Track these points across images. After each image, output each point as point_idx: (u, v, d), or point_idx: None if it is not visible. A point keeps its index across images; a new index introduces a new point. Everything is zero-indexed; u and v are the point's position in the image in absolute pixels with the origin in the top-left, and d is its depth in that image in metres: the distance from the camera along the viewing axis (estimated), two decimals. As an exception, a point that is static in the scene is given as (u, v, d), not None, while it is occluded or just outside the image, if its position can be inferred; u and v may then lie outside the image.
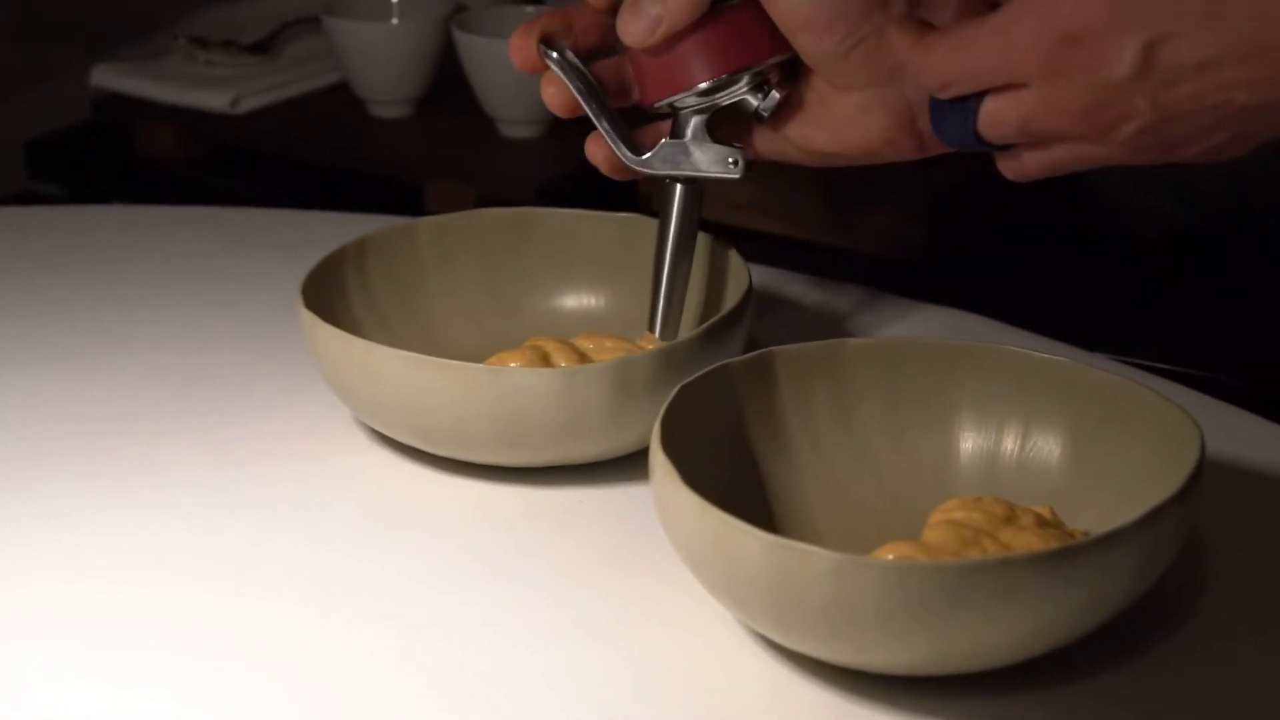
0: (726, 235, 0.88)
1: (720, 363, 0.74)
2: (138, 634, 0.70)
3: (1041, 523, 0.68)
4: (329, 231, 0.94)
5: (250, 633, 0.70)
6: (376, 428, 0.82)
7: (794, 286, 0.99)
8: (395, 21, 1.38)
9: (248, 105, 1.39)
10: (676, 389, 0.72)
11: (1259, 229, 1.15)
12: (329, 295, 0.85)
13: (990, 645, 0.62)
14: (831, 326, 0.94)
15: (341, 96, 1.41)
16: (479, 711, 0.65)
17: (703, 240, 0.89)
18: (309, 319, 0.81)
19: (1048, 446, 0.73)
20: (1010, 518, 0.68)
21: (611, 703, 0.65)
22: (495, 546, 0.75)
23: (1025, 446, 0.74)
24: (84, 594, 0.72)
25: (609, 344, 0.84)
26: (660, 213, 0.82)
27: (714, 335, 0.79)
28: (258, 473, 0.81)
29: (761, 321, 0.91)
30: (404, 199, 1.30)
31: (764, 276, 0.97)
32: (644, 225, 0.91)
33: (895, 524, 0.72)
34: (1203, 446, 0.66)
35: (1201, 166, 1.12)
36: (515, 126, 1.35)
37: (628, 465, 0.79)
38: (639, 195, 1.27)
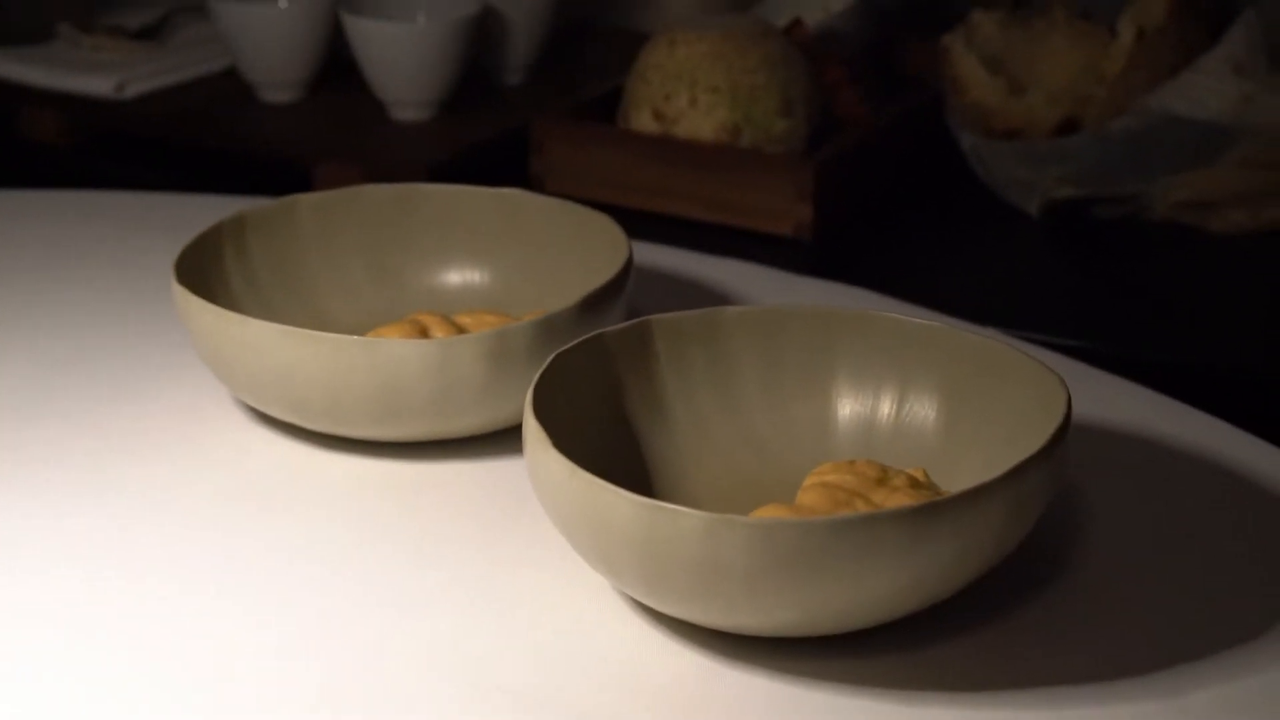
0: (612, 214, 0.88)
1: (596, 331, 0.74)
2: (2, 613, 0.68)
3: (914, 484, 0.69)
4: (211, 214, 0.93)
5: (119, 610, 0.69)
6: (252, 404, 0.81)
7: (678, 262, 0.99)
8: (283, 4, 1.37)
9: (134, 90, 1.37)
10: (551, 356, 0.72)
11: (1130, 200, 1.17)
12: (205, 273, 0.84)
13: (860, 603, 0.62)
14: (714, 300, 0.94)
15: (230, 81, 1.39)
16: (353, 678, 0.65)
17: (581, 213, 0.89)
18: (181, 294, 0.80)
19: (922, 410, 0.74)
20: (883, 479, 0.68)
21: (482, 668, 0.65)
22: (369, 520, 0.75)
23: (901, 411, 0.74)
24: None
25: (490, 319, 0.83)
26: None
27: (592, 306, 0.79)
28: (131, 451, 0.79)
29: (643, 297, 0.91)
30: (292, 182, 1.28)
31: (648, 253, 0.97)
32: (526, 201, 0.91)
33: (773, 489, 0.72)
34: (1069, 404, 0.67)
35: (1075, 141, 1.13)
36: (405, 109, 1.34)
37: (506, 439, 0.79)
38: (530, 177, 1.27)
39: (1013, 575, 0.69)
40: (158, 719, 0.63)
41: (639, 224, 0.92)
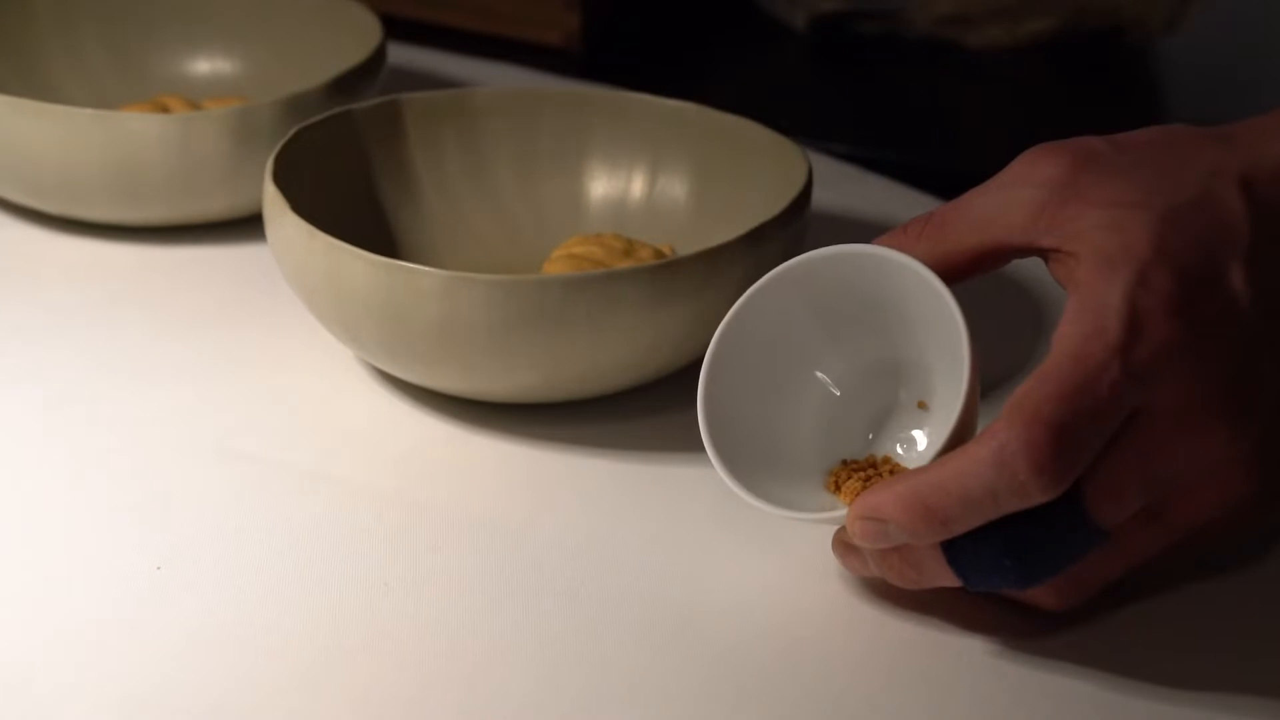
0: (383, 20, 0.86)
1: (343, 107, 0.73)
2: None
3: (659, 256, 0.69)
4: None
5: None
6: (-17, 185, 0.77)
7: (438, 64, 0.97)
8: None
9: None
10: (295, 129, 0.70)
11: (892, 16, 1.18)
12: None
13: (599, 365, 0.62)
14: (471, 95, 0.92)
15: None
16: (91, 446, 0.63)
17: (334, 3, 0.87)
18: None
19: (673, 189, 0.74)
20: (629, 251, 0.68)
21: (224, 436, 0.64)
22: (110, 301, 0.73)
23: (653, 190, 0.74)
24: None
25: (236, 104, 0.81)
26: None
27: (342, 88, 0.77)
28: None
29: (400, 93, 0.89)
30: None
31: (406, 54, 0.95)
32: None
33: (524, 268, 0.72)
34: (810, 174, 0.68)
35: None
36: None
37: (253, 226, 0.77)
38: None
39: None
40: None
41: (402, 31, 0.90)
